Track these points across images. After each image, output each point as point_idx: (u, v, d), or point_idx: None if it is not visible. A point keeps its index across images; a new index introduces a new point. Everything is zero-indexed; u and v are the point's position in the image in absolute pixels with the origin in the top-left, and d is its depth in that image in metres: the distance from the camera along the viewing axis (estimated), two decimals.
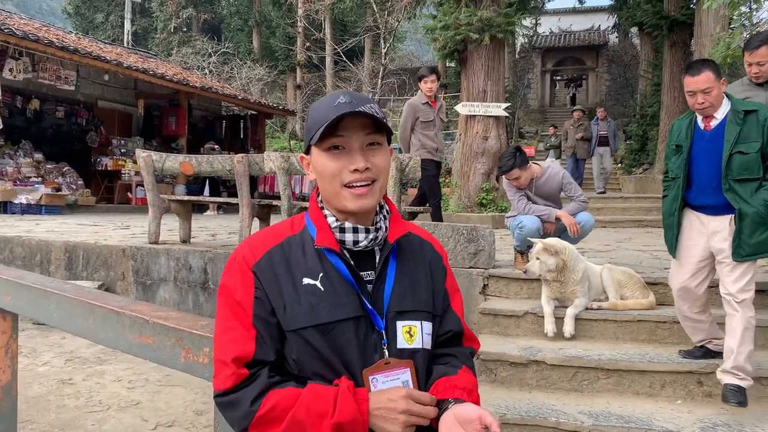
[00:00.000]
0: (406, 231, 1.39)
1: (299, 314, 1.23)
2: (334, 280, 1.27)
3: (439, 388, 1.31)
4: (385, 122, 1.29)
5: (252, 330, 1.24)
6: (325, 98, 1.33)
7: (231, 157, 6.00)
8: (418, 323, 1.32)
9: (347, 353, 1.24)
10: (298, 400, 1.18)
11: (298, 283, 1.26)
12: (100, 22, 33.77)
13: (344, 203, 1.28)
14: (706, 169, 3.31)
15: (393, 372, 1.26)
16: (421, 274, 1.38)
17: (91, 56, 12.31)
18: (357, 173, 1.26)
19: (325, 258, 1.29)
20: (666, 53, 14.51)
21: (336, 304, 1.25)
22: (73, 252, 6.39)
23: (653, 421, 3.25)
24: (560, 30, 32.76)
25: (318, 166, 1.30)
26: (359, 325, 1.26)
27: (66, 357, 5.08)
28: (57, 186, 12.32)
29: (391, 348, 1.28)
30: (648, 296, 4.28)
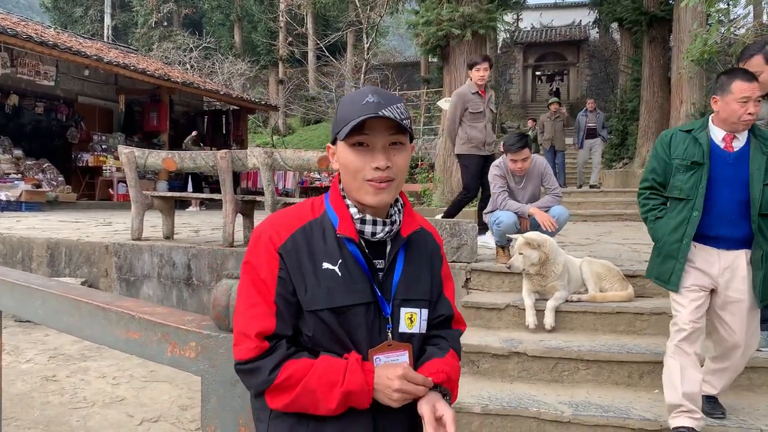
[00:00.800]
0: (419, 226, 1.49)
1: (318, 296, 1.33)
2: (351, 268, 1.37)
3: (431, 369, 1.42)
4: (408, 125, 1.36)
5: (273, 306, 1.34)
6: (354, 94, 1.40)
7: (214, 153, 6.00)
8: (418, 311, 1.44)
9: (357, 334, 1.36)
10: (311, 369, 1.30)
11: (318, 267, 1.35)
12: (79, 16, 33.34)
13: (364, 197, 1.37)
14: (727, 196, 2.91)
15: (394, 353, 1.39)
16: (424, 265, 1.49)
17: (71, 51, 12.19)
18: (378, 171, 1.34)
19: (344, 246, 1.38)
20: (645, 49, 14.67)
21: (351, 290, 1.36)
22: (55, 249, 6.36)
23: (631, 410, 3.33)
24: (541, 25, 32.93)
25: (343, 159, 1.39)
26: (369, 310, 1.37)
27: (49, 354, 5.07)
28: (37, 182, 12.21)
29: (394, 332, 1.40)
30: (627, 288, 4.36)
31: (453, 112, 6.17)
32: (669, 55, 13.74)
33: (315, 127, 27.86)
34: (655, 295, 4.50)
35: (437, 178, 10.89)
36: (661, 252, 3.08)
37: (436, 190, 10.88)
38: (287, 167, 5.88)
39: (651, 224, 3.14)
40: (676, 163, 3.02)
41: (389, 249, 1.43)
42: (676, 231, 2.99)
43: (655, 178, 3.12)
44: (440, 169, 10.84)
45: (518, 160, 4.86)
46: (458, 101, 6.12)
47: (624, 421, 3.23)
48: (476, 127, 6.08)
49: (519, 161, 4.86)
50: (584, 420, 3.28)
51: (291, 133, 27.93)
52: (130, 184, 6.31)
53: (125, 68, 13.62)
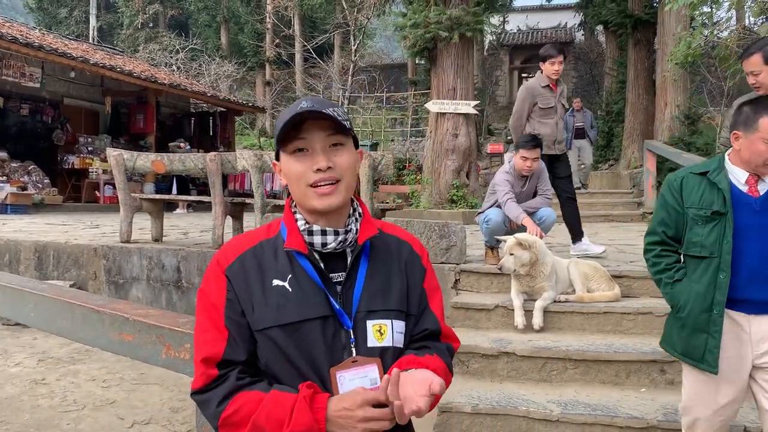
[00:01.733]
0: (376, 231, 1.41)
1: (266, 314, 1.28)
2: (302, 282, 1.32)
3: (402, 362, 1.34)
4: (346, 123, 1.33)
5: (224, 331, 1.29)
6: (290, 106, 1.38)
7: (203, 155, 6.01)
8: (388, 322, 1.35)
9: (313, 352, 1.28)
10: (260, 405, 1.22)
11: (267, 284, 1.31)
12: (64, 17, 33.05)
13: (312, 203, 1.33)
14: (757, 249, 2.43)
15: (361, 369, 1.29)
16: (394, 274, 1.41)
17: (56, 53, 12.11)
18: (320, 173, 1.30)
19: (295, 260, 1.34)
20: (630, 51, 14.80)
21: (303, 305, 1.29)
22: (43, 252, 6.33)
23: (619, 409, 3.38)
24: (528, 27, 33.07)
25: (285, 169, 1.36)
26: (326, 325, 1.30)
27: (38, 357, 5.05)
28: (23, 185, 12.11)
29: (361, 346, 1.31)
30: (613, 288, 4.42)
31: (520, 107, 5.66)
32: (654, 57, 13.87)
33: None
34: (641, 295, 4.57)
35: (425, 180, 10.94)
36: (685, 324, 2.53)
37: (424, 191, 10.92)
38: None
39: (668, 288, 2.61)
40: (692, 213, 2.52)
41: (349, 260, 1.37)
42: (703, 298, 2.46)
43: (666, 231, 2.62)
44: (428, 170, 10.88)
45: (529, 158, 4.92)
46: (527, 95, 5.64)
47: (612, 419, 3.28)
48: (546, 123, 5.60)
49: (530, 160, 4.92)
50: (572, 418, 3.32)
51: None
52: (118, 187, 6.29)
53: (111, 70, 13.55)
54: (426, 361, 1.35)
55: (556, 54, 5.53)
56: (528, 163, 4.93)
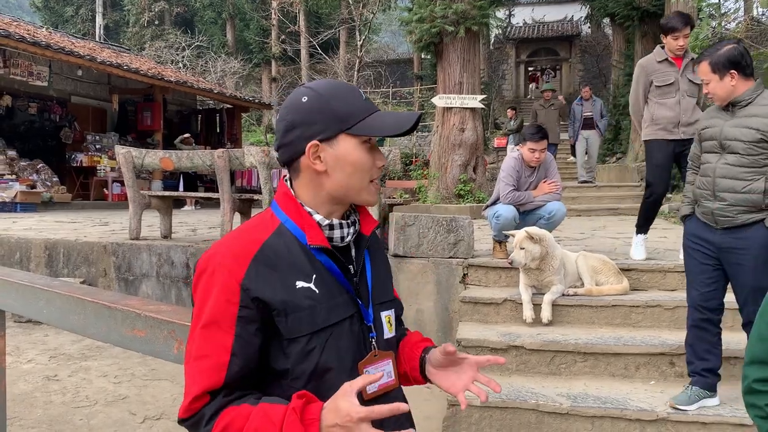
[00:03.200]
0: (377, 222, 1.44)
1: (300, 320, 1.19)
2: (327, 281, 1.24)
3: (406, 350, 1.41)
4: None
5: (228, 356, 1.15)
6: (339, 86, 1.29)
7: (212, 152, 6.03)
8: (392, 311, 1.37)
9: (345, 351, 1.24)
10: (248, 420, 1.10)
11: (291, 287, 1.20)
12: (70, 15, 33.18)
13: (367, 197, 1.29)
14: None
15: (381, 363, 1.29)
16: (384, 263, 1.43)
17: (64, 51, 12.16)
18: (380, 171, 1.30)
19: (314, 258, 1.25)
20: (637, 44, 14.75)
21: (333, 306, 1.23)
22: (53, 249, 6.37)
23: (628, 402, 3.39)
24: (534, 21, 32.98)
25: (351, 157, 1.25)
26: (353, 322, 1.26)
27: (50, 354, 5.09)
28: (32, 183, 12.19)
29: (379, 339, 1.31)
30: (622, 282, 4.42)
31: (635, 89, 5.01)
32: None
33: None
34: (650, 288, 4.57)
35: (432, 175, 10.94)
36: None
37: (431, 186, 10.92)
38: None
39: None
40: None
41: (354, 252, 1.33)
42: None
43: None
44: (435, 165, 10.88)
45: (537, 150, 4.90)
46: (640, 73, 4.94)
47: (621, 412, 3.28)
48: (664, 103, 4.80)
49: (537, 151, 4.90)
50: (582, 411, 3.33)
51: None
52: (127, 184, 6.32)
53: (118, 68, 13.60)
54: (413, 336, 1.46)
55: (682, 25, 4.69)
56: (536, 155, 4.91)
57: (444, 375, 1.34)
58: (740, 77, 3.01)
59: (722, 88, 3.06)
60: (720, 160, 3.07)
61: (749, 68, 3.04)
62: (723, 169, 3.04)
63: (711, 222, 3.10)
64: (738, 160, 2.99)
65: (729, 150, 3.02)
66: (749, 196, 2.96)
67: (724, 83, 3.04)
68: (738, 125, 3.01)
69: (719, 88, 3.06)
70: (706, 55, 3.12)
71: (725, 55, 3.03)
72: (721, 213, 3.03)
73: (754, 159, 2.96)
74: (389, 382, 1.30)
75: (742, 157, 2.98)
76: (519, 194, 4.96)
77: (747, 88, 3.02)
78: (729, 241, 3.03)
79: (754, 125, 2.96)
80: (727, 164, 3.03)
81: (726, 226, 3.03)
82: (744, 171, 2.98)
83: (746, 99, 3.02)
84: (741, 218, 2.98)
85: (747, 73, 3.03)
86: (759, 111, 2.99)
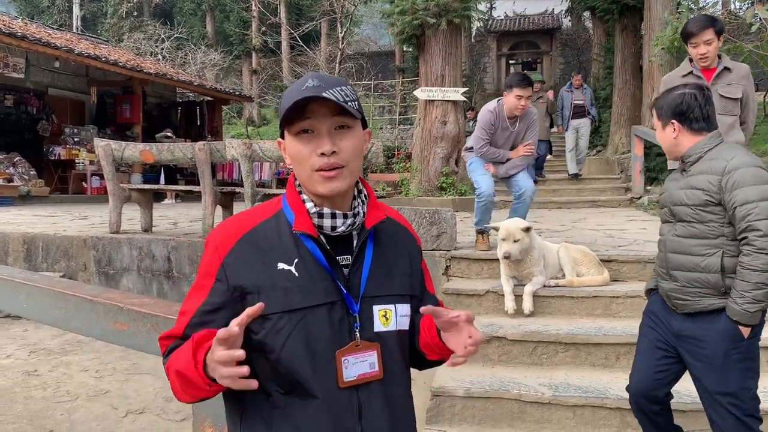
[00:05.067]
0: (384, 216, 1.41)
1: (273, 299, 1.25)
2: (310, 266, 1.29)
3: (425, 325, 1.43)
4: (352, 106, 1.28)
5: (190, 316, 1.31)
6: (296, 82, 1.33)
7: (192, 145, 5.98)
8: (392, 306, 1.36)
9: (319, 336, 1.28)
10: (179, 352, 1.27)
11: (272, 268, 1.28)
12: (46, 6, 32.62)
13: (316, 187, 1.30)
14: None
15: (362, 353, 1.31)
16: (398, 258, 1.42)
17: (40, 43, 11.96)
18: (324, 158, 1.27)
19: (301, 243, 1.31)
20: (617, 37, 14.84)
21: (309, 290, 1.28)
22: (31, 243, 6.29)
23: (609, 391, 3.43)
24: (515, 14, 33.04)
25: (290, 150, 1.32)
26: (333, 310, 1.29)
27: (30, 349, 5.04)
28: (8, 177, 12.02)
29: (367, 331, 1.32)
30: (602, 273, 4.47)
31: None
32: (641, 43, 13.87)
33: None
34: (630, 279, 4.63)
35: (414, 168, 10.94)
36: None
37: (414, 179, 10.92)
38: (266, 158, 5.89)
39: None
40: None
41: (355, 243, 1.36)
42: None
43: None
44: (417, 158, 10.88)
45: (524, 96, 4.79)
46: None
47: (602, 401, 3.33)
48: None
49: (524, 98, 4.80)
50: (564, 401, 3.38)
51: (266, 124, 27.75)
52: (107, 177, 6.26)
53: (96, 60, 13.40)
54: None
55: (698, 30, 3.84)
56: (522, 101, 4.80)
57: (449, 337, 1.36)
58: (684, 130, 2.51)
59: (663, 139, 2.59)
60: (671, 231, 2.56)
61: (699, 122, 2.49)
62: (673, 243, 2.53)
63: (670, 304, 2.60)
64: (686, 230, 2.47)
65: (678, 218, 2.51)
66: (704, 276, 2.42)
67: (666, 134, 2.57)
68: (684, 186, 2.50)
69: (661, 138, 2.61)
70: (659, 97, 2.65)
71: (669, 101, 2.55)
72: (676, 295, 2.52)
73: (705, 228, 2.41)
74: (372, 372, 1.32)
75: (690, 226, 2.45)
76: (494, 151, 4.97)
77: (694, 143, 2.49)
78: (689, 328, 2.50)
79: (699, 185, 2.43)
80: (676, 236, 2.52)
81: (685, 311, 2.52)
82: (695, 244, 2.44)
83: (695, 154, 2.48)
84: (700, 303, 2.45)
85: (694, 127, 2.49)
86: (705, 167, 2.44)
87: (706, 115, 2.49)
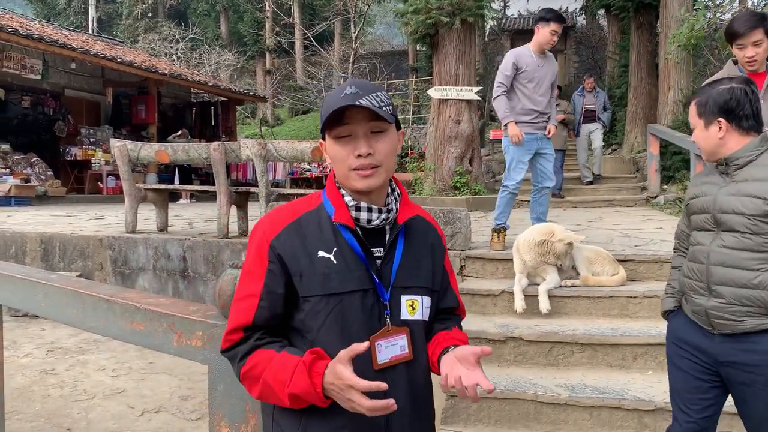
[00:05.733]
0: (415, 214, 1.53)
1: (313, 283, 1.38)
2: (347, 255, 1.41)
3: (440, 338, 1.53)
4: (386, 111, 1.39)
5: (256, 299, 1.39)
6: (337, 88, 1.45)
7: (207, 145, 6.00)
8: (419, 298, 1.49)
9: (353, 321, 1.39)
10: (269, 364, 1.33)
11: (313, 255, 1.40)
12: (62, 8, 32.97)
13: (353, 184, 1.43)
14: None
15: (393, 338, 1.43)
16: (424, 254, 1.54)
17: (57, 44, 12.08)
18: (360, 159, 1.39)
19: (339, 234, 1.43)
20: (633, 35, 14.70)
21: (347, 277, 1.40)
22: (48, 243, 6.35)
23: (626, 392, 3.40)
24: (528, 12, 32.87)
25: (330, 151, 1.45)
26: (366, 297, 1.41)
27: (47, 348, 5.08)
28: (26, 177, 12.13)
29: (395, 318, 1.44)
30: (618, 271, 4.43)
31: None
32: (656, 41, 13.77)
33: (303, 117, 27.77)
34: (647, 279, 4.58)
35: (428, 167, 10.92)
36: None
37: (427, 178, 10.91)
38: (281, 158, 5.90)
39: None
40: None
41: (388, 237, 1.48)
42: None
43: None
44: (431, 157, 10.87)
45: (557, 33, 5.01)
46: None
47: (619, 402, 3.30)
48: None
49: (557, 35, 5.01)
50: (580, 402, 3.35)
51: (279, 124, 27.84)
52: (123, 177, 6.30)
53: (112, 61, 13.51)
54: (456, 334, 1.56)
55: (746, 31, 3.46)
56: (555, 38, 5.01)
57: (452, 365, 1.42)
58: (732, 129, 2.26)
59: (706, 139, 2.32)
60: (715, 241, 2.26)
61: (749, 120, 2.25)
62: (720, 254, 2.23)
63: (705, 324, 2.28)
64: (739, 241, 2.19)
65: (726, 227, 2.22)
66: (756, 293, 2.14)
67: (709, 133, 2.30)
68: (736, 193, 2.21)
69: (702, 138, 2.33)
70: (699, 92, 2.41)
71: (715, 96, 2.29)
72: (719, 314, 2.21)
73: (761, 240, 2.14)
74: (402, 354, 1.44)
75: (745, 237, 2.17)
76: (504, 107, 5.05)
77: (743, 145, 2.25)
78: (732, 352, 2.21)
79: (758, 192, 2.16)
80: (725, 247, 2.22)
81: (726, 332, 2.22)
82: (749, 257, 2.17)
83: (744, 157, 2.23)
84: (748, 324, 2.17)
85: (743, 126, 2.25)
86: (762, 174, 2.18)
87: (756, 113, 2.26)
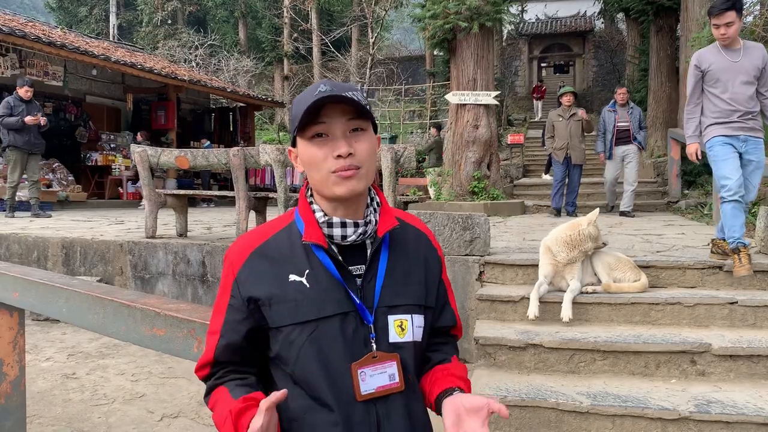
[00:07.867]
0: (396, 223, 1.36)
1: (283, 311, 1.26)
2: (321, 277, 1.27)
3: (437, 375, 1.37)
4: (368, 107, 1.28)
5: (217, 336, 1.33)
6: (307, 89, 1.31)
7: (227, 150, 6.03)
8: (408, 317, 1.32)
9: (333, 349, 1.25)
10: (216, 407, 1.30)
11: (284, 279, 1.27)
12: (84, 16, 33.45)
13: (333, 189, 1.27)
14: None
15: (380, 365, 1.27)
16: (414, 267, 1.38)
17: (78, 51, 12.24)
18: (341, 160, 1.25)
19: (312, 254, 1.29)
20: (652, 38, 14.58)
21: (321, 301, 1.26)
22: (70, 248, 6.41)
23: (649, 400, 3.34)
24: (546, 17, 32.81)
25: (304, 155, 1.29)
26: (346, 321, 1.26)
27: (68, 352, 5.12)
28: (48, 182, 12.28)
29: (383, 342, 1.28)
30: (639, 276, 4.36)
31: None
32: (676, 44, 13.65)
33: None
34: (669, 285, 4.52)
35: (446, 172, 10.89)
36: None
37: (445, 183, 10.87)
38: None
39: None
40: None
41: (369, 252, 1.33)
42: None
43: None
44: (449, 162, 10.83)
45: (721, 25, 4.23)
46: None
47: (642, 410, 3.24)
48: None
49: (722, 26, 4.23)
50: (602, 410, 3.29)
51: None
52: (143, 183, 6.35)
53: (132, 67, 13.67)
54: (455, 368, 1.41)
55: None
56: (721, 30, 4.23)
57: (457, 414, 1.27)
58: None
59: None
60: None
61: None
62: None
63: None
64: None
65: None
66: None
67: None
68: None
69: None
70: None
71: None
72: None
73: None
74: (392, 384, 1.28)
75: None
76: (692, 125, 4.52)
77: None
78: None
79: None
80: None
81: None
82: None
83: None
84: None
85: None
86: None
87: None
